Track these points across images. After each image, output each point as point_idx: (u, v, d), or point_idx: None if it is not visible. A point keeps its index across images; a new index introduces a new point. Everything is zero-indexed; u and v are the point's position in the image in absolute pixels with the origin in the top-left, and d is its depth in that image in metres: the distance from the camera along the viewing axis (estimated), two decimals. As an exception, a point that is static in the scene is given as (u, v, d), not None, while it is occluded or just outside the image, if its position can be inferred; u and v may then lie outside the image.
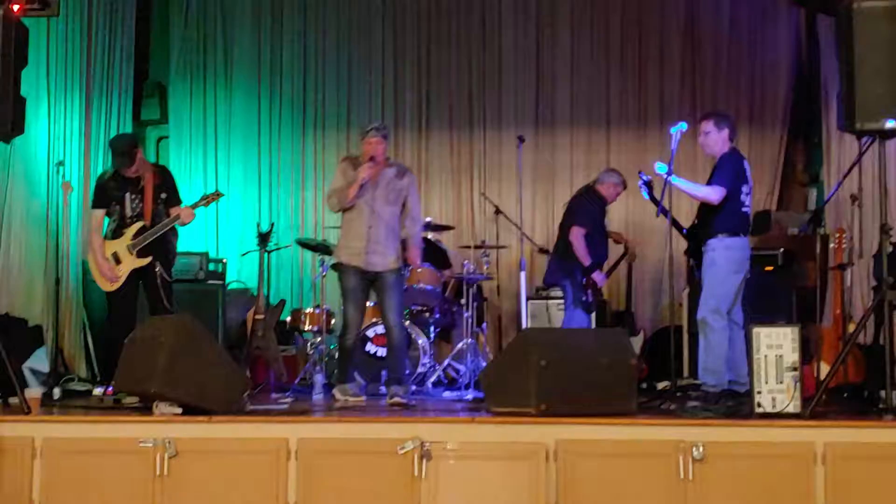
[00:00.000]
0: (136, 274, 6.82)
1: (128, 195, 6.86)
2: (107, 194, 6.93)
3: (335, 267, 6.99)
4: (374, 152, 6.73)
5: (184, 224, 6.96)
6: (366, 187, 6.72)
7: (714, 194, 6.48)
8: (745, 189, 6.59)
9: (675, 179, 6.63)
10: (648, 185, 7.28)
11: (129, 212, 6.85)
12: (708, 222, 6.60)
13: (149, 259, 6.78)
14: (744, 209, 6.58)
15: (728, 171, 6.55)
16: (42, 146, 7.95)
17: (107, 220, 6.96)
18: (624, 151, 9.86)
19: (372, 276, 6.79)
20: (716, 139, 6.69)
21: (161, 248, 6.91)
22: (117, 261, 6.80)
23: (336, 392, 6.81)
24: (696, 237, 6.79)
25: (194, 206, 6.96)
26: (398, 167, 7.01)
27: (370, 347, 7.97)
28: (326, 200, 7.04)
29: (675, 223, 6.90)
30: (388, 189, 6.80)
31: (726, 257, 6.48)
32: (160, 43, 10.21)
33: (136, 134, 7.93)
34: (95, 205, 7.01)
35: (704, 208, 6.65)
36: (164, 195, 6.93)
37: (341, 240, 6.93)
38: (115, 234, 6.87)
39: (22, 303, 7.50)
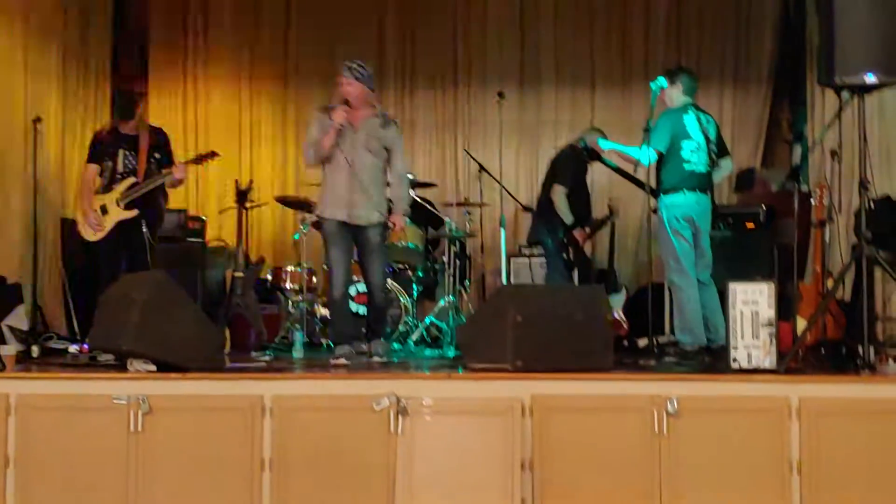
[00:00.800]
0: (120, 230, 6.79)
1: (122, 151, 6.86)
2: (101, 149, 6.91)
3: (317, 224, 6.83)
4: (346, 95, 6.44)
5: (175, 183, 6.94)
6: (345, 135, 6.45)
7: (643, 157, 6.46)
8: (688, 145, 6.54)
9: (605, 145, 6.67)
10: (588, 151, 7.35)
11: (120, 167, 6.84)
12: (656, 181, 6.61)
13: (135, 212, 6.75)
14: (687, 166, 6.54)
15: (660, 130, 6.51)
16: (19, 102, 7.85)
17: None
18: (608, 109, 9.81)
19: (354, 230, 6.56)
20: (669, 94, 6.67)
21: (149, 206, 6.88)
22: (104, 212, 6.78)
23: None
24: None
25: (186, 163, 6.91)
26: (384, 116, 6.67)
27: (351, 306, 7.93)
28: (303, 155, 6.78)
29: (634, 180, 6.92)
30: (370, 137, 6.51)
31: (668, 216, 6.51)
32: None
33: (137, 93, 7.86)
34: (89, 159, 7.03)
35: (656, 168, 6.63)
36: (157, 155, 6.93)
37: (322, 194, 6.65)
38: (106, 188, 6.86)
39: (1, 260, 7.44)
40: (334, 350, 6.63)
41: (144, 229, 6.78)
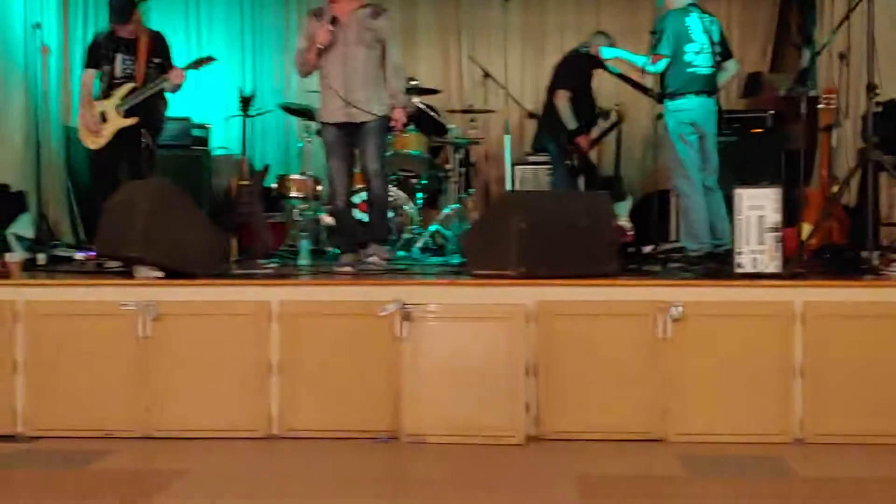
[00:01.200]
0: (120, 137, 6.75)
1: (119, 56, 6.78)
2: (99, 54, 6.84)
3: (320, 132, 6.73)
4: None
5: (174, 88, 6.86)
6: (335, 34, 6.20)
7: (651, 63, 6.38)
8: (691, 48, 6.46)
9: (608, 53, 6.60)
10: (589, 58, 7.27)
11: (118, 72, 6.77)
12: (661, 86, 6.55)
13: (135, 120, 6.69)
14: (690, 69, 6.46)
15: (664, 35, 6.42)
16: (17, 8, 7.75)
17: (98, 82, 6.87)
18: (615, 12, 9.67)
19: (353, 131, 6.35)
20: None
21: (149, 113, 6.82)
22: (103, 119, 6.73)
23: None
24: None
25: (185, 68, 6.83)
26: (373, 7, 6.37)
27: (356, 214, 7.92)
28: (294, 66, 6.61)
29: (638, 87, 6.85)
30: (361, 29, 6.25)
31: (673, 120, 6.46)
32: None
33: None
34: (87, 64, 6.95)
35: (661, 74, 6.56)
36: (157, 60, 6.83)
37: (322, 98, 6.45)
38: (105, 94, 6.81)
39: (3, 168, 7.42)
40: (339, 258, 6.60)
41: (144, 137, 6.73)
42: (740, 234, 5.35)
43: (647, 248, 7.54)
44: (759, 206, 5.33)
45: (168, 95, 6.96)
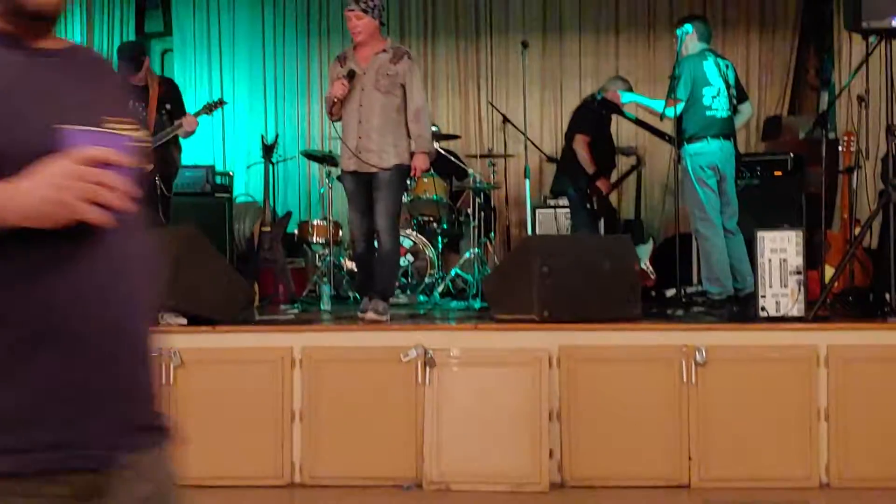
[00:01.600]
0: None
1: (131, 103, 6.82)
2: None
3: (340, 178, 6.63)
4: (354, 30, 6.05)
5: (187, 134, 6.92)
6: (356, 77, 6.04)
7: (669, 110, 6.41)
8: (709, 92, 6.48)
9: (626, 97, 6.63)
10: (605, 104, 7.32)
11: None
12: (679, 130, 6.57)
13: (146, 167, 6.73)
14: (709, 113, 6.48)
15: (681, 80, 6.45)
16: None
17: None
18: (633, 57, 9.72)
19: (369, 180, 6.09)
20: (685, 43, 6.61)
21: (161, 160, 6.87)
22: None
23: (370, 312, 5.77)
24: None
25: (197, 114, 6.89)
26: (395, 50, 6.16)
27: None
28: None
29: (655, 132, 6.88)
30: (380, 75, 6.03)
31: (692, 165, 6.45)
32: (161, -49, 10.08)
33: (143, 42, 7.81)
34: None
35: (678, 118, 6.59)
36: (168, 106, 6.89)
37: (342, 147, 6.26)
38: None
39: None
40: (361, 304, 6.31)
41: (158, 183, 6.78)
42: (763, 277, 5.35)
43: (669, 292, 7.52)
44: (781, 248, 5.35)
45: (183, 142, 7.03)
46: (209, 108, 6.92)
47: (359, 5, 6.02)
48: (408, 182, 7.10)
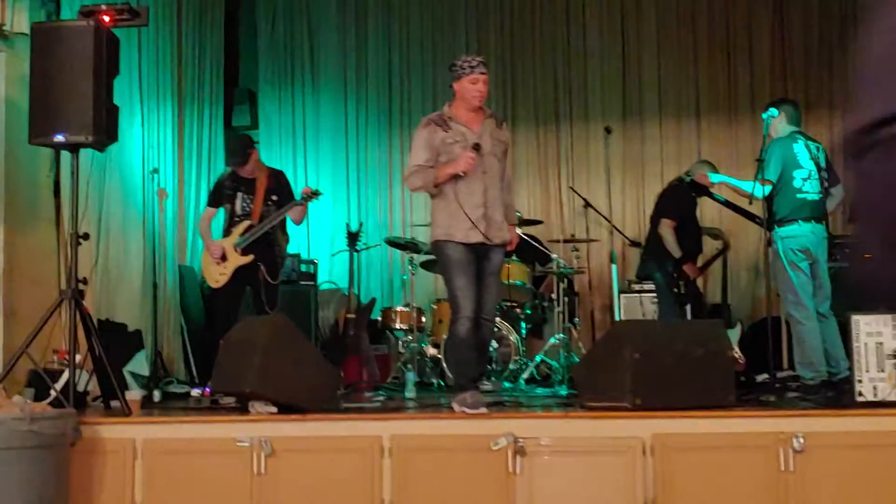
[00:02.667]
0: (241, 274, 6.93)
1: (240, 194, 7.03)
2: (221, 193, 7.12)
3: (437, 246, 5.71)
4: (482, 96, 5.62)
5: (296, 223, 7.11)
6: (467, 143, 5.56)
7: (756, 189, 6.35)
8: (799, 174, 6.42)
9: (716, 178, 6.59)
10: (694, 185, 7.29)
11: (238, 210, 7.02)
12: (769, 213, 6.50)
13: (250, 257, 6.88)
14: (800, 195, 6.41)
15: (771, 161, 6.40)
16: (137, 154, 8.10)
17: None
18: (715, 141, 9.71)
19: (485, 251, 5.61)
20: (773, 125, 6.57)
21: (268, 249, 7.00)
22: (223, 258, 6.94)
23: (463, 407, 5.38)
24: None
25: (292, 205, 7.00)
26: (493, 114, 5.86)
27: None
28: (407, 179, 5.77)
29: (745, 214, 6.82)
30: (494, 141, 5.67)
31: (783, 248, 6.37)
32: (248, 50, 10.41)
33: (249, 136, 8.00)
34: (209, 202, 7.27)
35: (768, 200, 6.52)
36: (275, 197, 7.04)
37: (448, 215, 5.59)
38: (225, 232, 7.04)
39: (121, 308, 7.64)
40: (457, 395, 5.56)
41: (261, 270, 6.90)
42: (858, 361, 5.22)
43: (760, 377, 7.37)
44: (876, 332, 5.23)
45: (290, 232, 7.19)
46: (305, 199, 7.03)
47: (487, 67, 5.76)
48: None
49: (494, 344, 7.82)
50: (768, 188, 6.40)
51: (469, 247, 5.58)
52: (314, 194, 7.05)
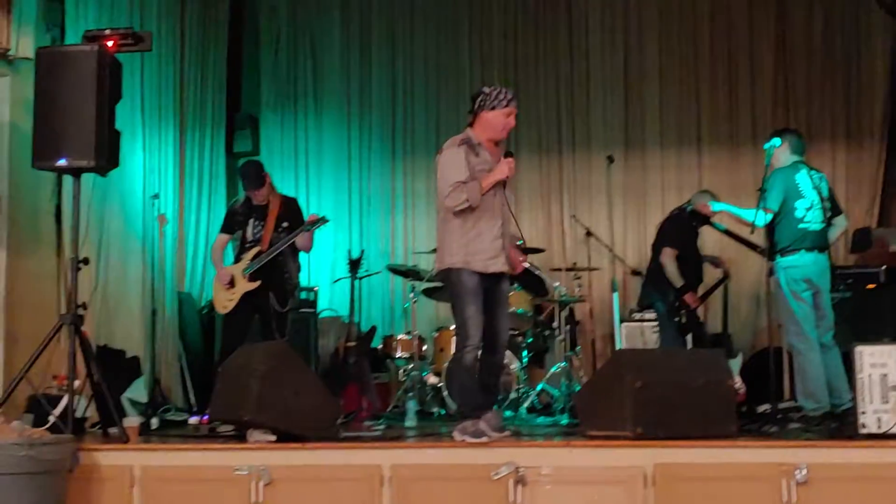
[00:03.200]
0: (250, 301, 6.91)
1: (252, 220, 7.04)
2: (233, 220, 7.14)
3: (450, 273, 5.67)
4: (510, 126, 5.78)
5: (304, 249, 7.12)
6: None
7: (758, 218, 6.33)
8: (802, 204, 6.41)
9: (717, 206, 6.59)
10: (695, 215, 7.30)
11: (249, 236, 7.03)
12: (771, 242, 6.48)
13: (257, 283, 6.87)
14: (802, 225, 6.39)
15: (773, 189, 6.39)
16: (138, 179, 8.09)
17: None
18: (716, 170, 9.71)
19: (490, 281, 5.70)
20: (776, 155, 6.56)
21: (277, 276, 6.99)
22: (231, 284, 6.93)
23: (465, 436, 5.41)
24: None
25: (297, 231, 6.98)
26: (505, 148, 5.95)
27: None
28: (448, 196, 5.59)
29: (747, 243, 6.81)
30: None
31: (785, 278, 6.35)
32: (250, 75, 10.42)
33: (261, 162, 8.00)
34: (222, 229, 7.28)
35: (769, 230, 6.50)
36: (286, 223, 7.04)
37: (465, 243, 5.62)
38: (236, 258, 7.05)
39: (120, 334, 7.61)
40: (459, 424, 5.58)
41: (271, 298, 6.89)
42: (862, 392, 5.19)
43: (762, 408, 7.33)
44: (881, 363, 5.20)
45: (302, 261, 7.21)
46: (311, 225, 7.02)
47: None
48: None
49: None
50: (769, 216, 6.38)
51: (484, 276, 5.64)
52: (320, 221, 7.05)
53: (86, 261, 6.09)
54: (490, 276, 5.67)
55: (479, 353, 5.65)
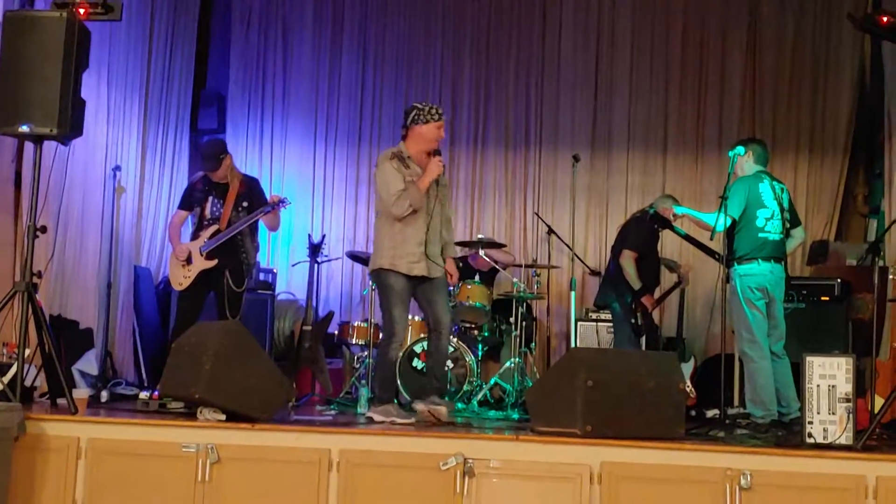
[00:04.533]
0: (206, 279, 6.89)
1: (211, 198, 7.01)
2: (192, 196, 7.11)
3: (378, 273, 6.29)
4: (440, 138, 6.34)
5: (271, 229, 7.23)
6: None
7: (718, 223, 6.38)
8: (763, 214, 6.46)
9: (680, 210, 6.66)
10: (657, 219, 7.34)
11: (208, 214, 7.00)
12: (729, 250, 6.53)
13: (214, 262, 6.85)
14: (762, 234, 6.44)
15: (735, 197, 6.44)
16: (100, 150, 8.01)
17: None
18: (680, 176, 9.75)
19: (420, 282, 6.31)
20: (739, 163, 6.62)
21: (234, 255, 6.97)
22: (188, 261, 6.90)
23: (375, 414, 6.11)
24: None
25: (259, 213, 6.96)
26: (439, 155, 6.40)
27: (417, 363, 7.92)
28: (393, 205, 6.14)
29: (705, 249, 6.87)
30: (441, 185, 6.44)
31: (741, 285, 6.39)
32: (219, 53, 10.33)
33: (223, 140, 7.94)
34: (180, 205, 7.28)
35: (727, 236, 6.55)
36: (245, 203, 7.01)
37: (392, 247, 6.22)
38: (193, 235, 7.02)
39: (74, 305, 7.53)
40: (375, 406, 6.26)
41: (226, 276, 6.87)
42: (810, 402, 5.26)
43: (710, 413, 7.40)
44: (830, 374, 5.27)
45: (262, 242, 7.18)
46: (273, 207, 7.00)
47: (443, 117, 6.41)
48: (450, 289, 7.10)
49: (450, 364, 7.79)
50: (729, 222, 6.42)
51: (412, 279, 6.23)
52: (281, 202, 7.04)
53: (43, 229, 6.03)
54: (418, 278, 6.24)
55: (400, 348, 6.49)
